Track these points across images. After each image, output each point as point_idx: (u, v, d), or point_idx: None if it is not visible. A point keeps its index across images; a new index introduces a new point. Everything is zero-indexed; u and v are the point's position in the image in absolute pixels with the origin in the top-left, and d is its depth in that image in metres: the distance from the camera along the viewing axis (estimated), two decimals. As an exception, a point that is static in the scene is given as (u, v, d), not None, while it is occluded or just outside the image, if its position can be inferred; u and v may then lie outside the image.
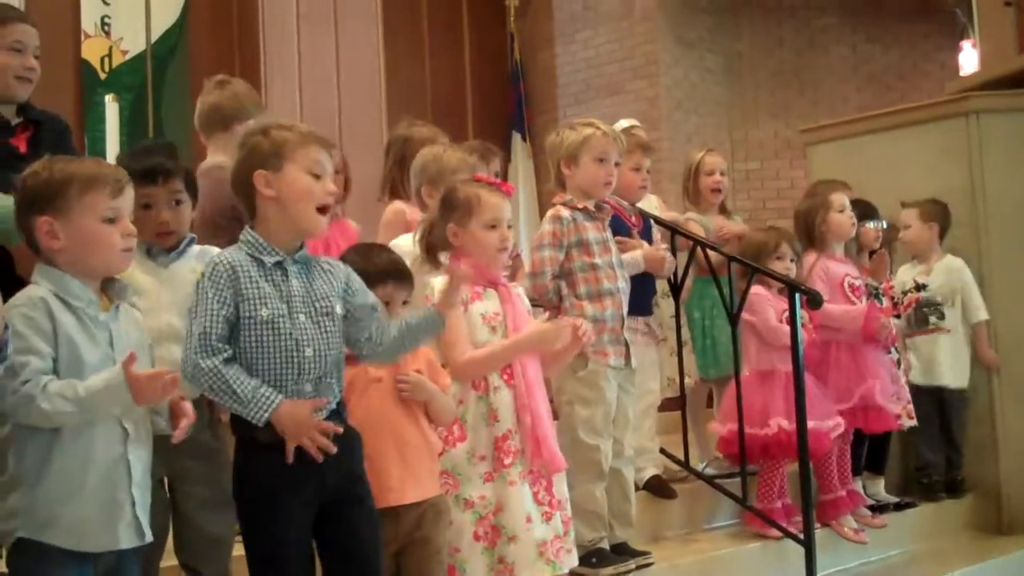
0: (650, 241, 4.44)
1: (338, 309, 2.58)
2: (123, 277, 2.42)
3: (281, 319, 2.47)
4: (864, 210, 5.08)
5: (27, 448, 2.21)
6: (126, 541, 2.29)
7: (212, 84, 3.76)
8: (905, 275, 5.44)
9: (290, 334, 2.47)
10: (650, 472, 4.40)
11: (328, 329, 2.54)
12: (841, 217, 4.76)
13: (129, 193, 2.37)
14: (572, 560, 3.13)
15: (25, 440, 2.21)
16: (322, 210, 2.55)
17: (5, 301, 2.18)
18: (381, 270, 2.84)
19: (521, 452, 3.00)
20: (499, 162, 3.89)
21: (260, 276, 2.48)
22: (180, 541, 2.71)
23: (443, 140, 3.85)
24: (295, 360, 2.48)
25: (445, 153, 3.53)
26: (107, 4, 7.35)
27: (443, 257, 3.12)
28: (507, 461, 2.98)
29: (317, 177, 2.54)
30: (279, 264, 2.52)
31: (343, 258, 2.85)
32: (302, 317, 2.50)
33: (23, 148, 3.11)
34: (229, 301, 2.44)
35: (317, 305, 2.54)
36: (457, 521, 2.94)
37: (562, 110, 8.47)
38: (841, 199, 4.78)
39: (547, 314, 3.72)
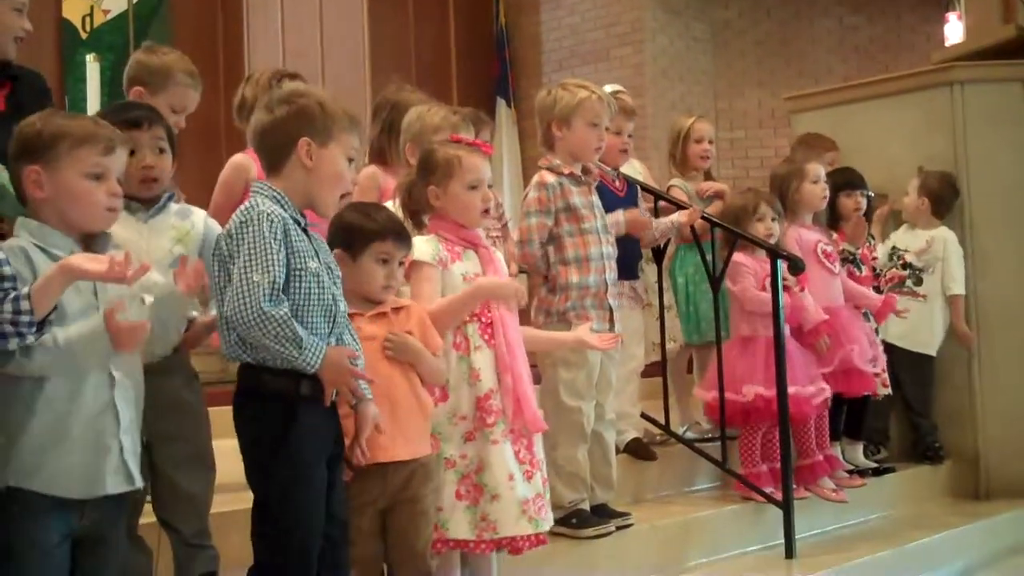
0: (635, 206, 4.45)
1: (338, 272, 2.62)
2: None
3: (323, 273, 2.50)
4: (848, 178, 5.09)
5: (12, 396, 2.19)
6: (112, 486, 2.28)
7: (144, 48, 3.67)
8: (898, 240, 5.48)
9: (329, 288, 2.51)
10: (631, 435, 4.42)
11: (342, 291, 2.60)
12: (814, 188, 4.76)
13: (120, 155, 2.36)
14: (551, 517, 3.14)
15: (10, 388, 2.19)
16: (346, 195, 2.61)
17: None
18: (382, 227, 2.83)
19: (503, 412, 3.00)
20: (489, 132, 3.85)
21: (296, 234, 2.49)
22: (158, 499, 2.71)
23: (428, 100, 3.77)
24: (332, 313, 2.52)
25: (428, 112, 3.50)
26: (88, -37, 7.29)
27: (426, 219, 3.12)
28: (489, 420, 2.98)
29: (350, 161, 2.57)
30: (304, 228, 2.55)
31: (342, 215, 2.85)
32: (325, 276, 2.53)
33: (2, 106, 3.08)
34: (284, 252, 2.44)
35: (332, 267, 2.59)
36: (440, 480, 2.94)
37: (547, 76, 8.44)
38: (816, 170, 4.78)
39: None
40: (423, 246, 3.01)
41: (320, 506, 2.50)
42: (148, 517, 2.75)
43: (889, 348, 5.19)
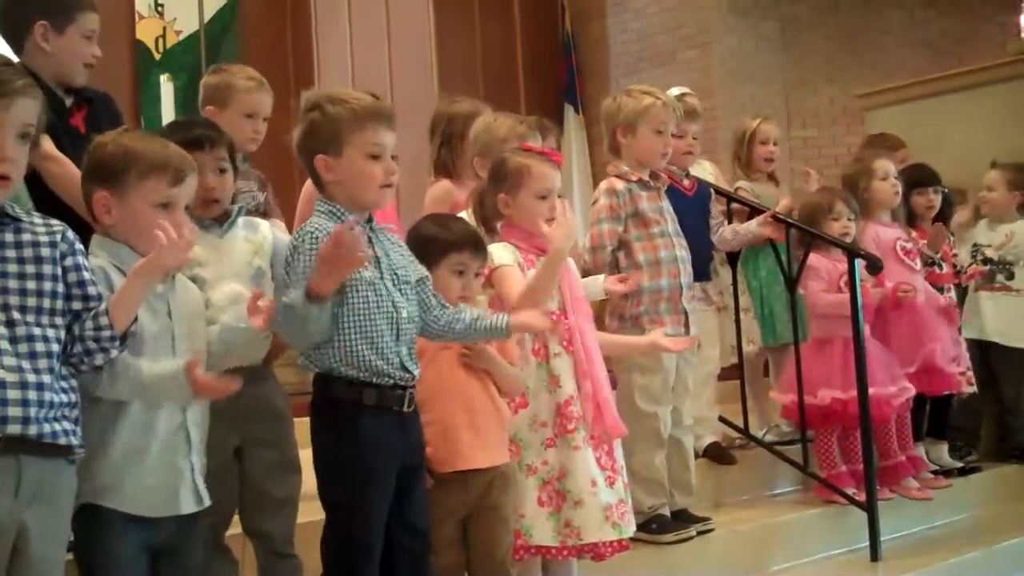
0: (707, 208, 4.42)
1: (412, 278, 2.61)
2: None
3: (379, 281, 2.51)
4: (920, 175, 5.00)
5: (93, 416, 2.24)
6: (187, 506, 2.34)
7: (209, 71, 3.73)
8: (980, 236, 5.36)
9: (388, 296, 2.51)
10: (709, 439, 4.39)
11: (409, 297, 2.58)
12: (884, 185, 4.68)
13: (190, 182, 2.39)
14: (632, 525, 3.13)
15: (91, 408, 2.24)
16: (386, 187, 2.56)
17: None
18: (459, 238, 2.84)
19: (583, 418, 3.00)
20: (555, 139, 3.85)
21: None
22: (247, 507, 2.73)
23: (487, 111, 3.79)
24: (394, 321, 2.51)
25: (495, 122, 3.50)
26: (160, -15, 7.43)
27: (498, 226, 3.13)
28: (570, 427, 2.98)
29: (377, 157, 2.53)
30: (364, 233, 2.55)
31: (419, 226, 2.88)
32: (390, 283, 2.53)
33: (82, 128, 3.15)
34: None
35: (398, 273, 2.57)
36: (521, 486, 2.95)
37: (614, 81, 8.41)
38: (884, 167, 4.70)
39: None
40: (502, 252, 3.02)
41: (382, 516, 2.51)
42: (234, 528, 2.78)
43: (986, 345, 5.09)
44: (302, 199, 3.79)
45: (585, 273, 3.58)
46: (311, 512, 2.73)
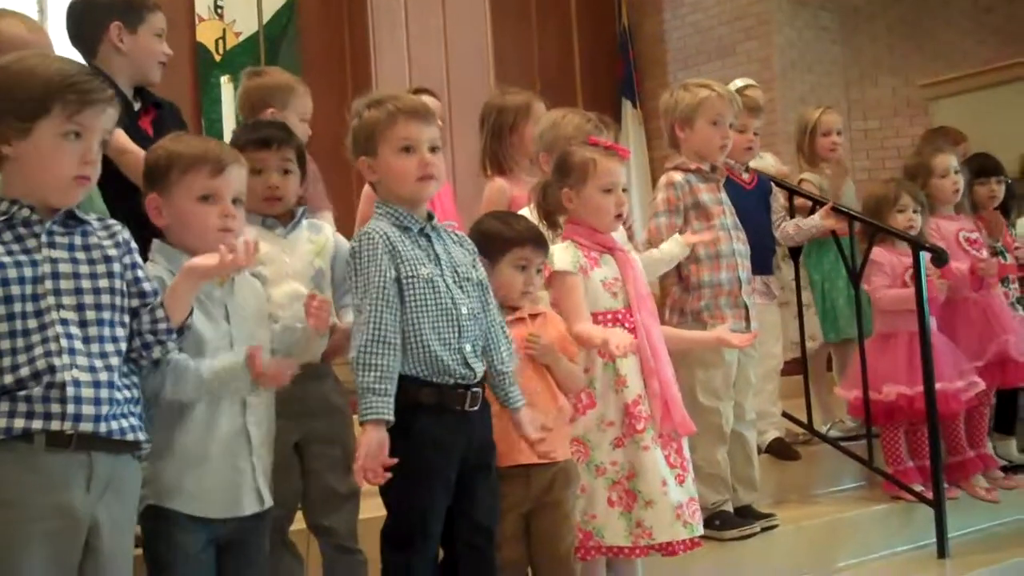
0: (767, 202, 4.38)
1: (475, 276, 2.64)
2: None
3: (438, 278, 2.53)
4: (981, 165, 4.91)
5: (156, 419, 2.27)
6: (249, 507, 2.37)
7: (246, 74, 3.73)
8: None
9: (447, 293, 2.53)
10: (772, 435, 4.35)
11: (471, 294, 2.60)
12: (943, 183, 4.60)
13: (233, 173, 2.40)
14: (701, 523, 3.12)
15: (153, 411, 2.27)
16: (423, 179, 2.58)
17: None
18: (520, 234, 2.87)
19: (651, 417, 2.98)
20: (614, 135, 3.84)
21: (410, 241, 2.54)
22: (311, 502, 2.76)
23: (539, 104, 3.82)
24: (454, 317, 2.53)
25: (563, 119, 3.49)
26: (219, -13, 7.51)
27: (560, 220, 3.12)
28: (639, 427, 2.97)
29: (410, 152, 2.56)
30: (422, 230, 2.58)
31: (481, 222, 2.89)
32: (450, 280, 2.56)
33: (150, 131, 3.20)
34: (389, 268, 2.48)
35: (459, 271, 2.60)
36: (591, 487, 2.95)
37: (672, 74, 8.35)
38: (944, 163, 4.61)
39: None
40: (562, 254, 3.01)
41: (438, 514, 2.53)
42: (298, 524, 2.81)
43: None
44: (362, 201, 3.82)
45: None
46: (373, 508, 2.74)
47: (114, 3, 3.26)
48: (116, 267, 2.17)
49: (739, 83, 4.95)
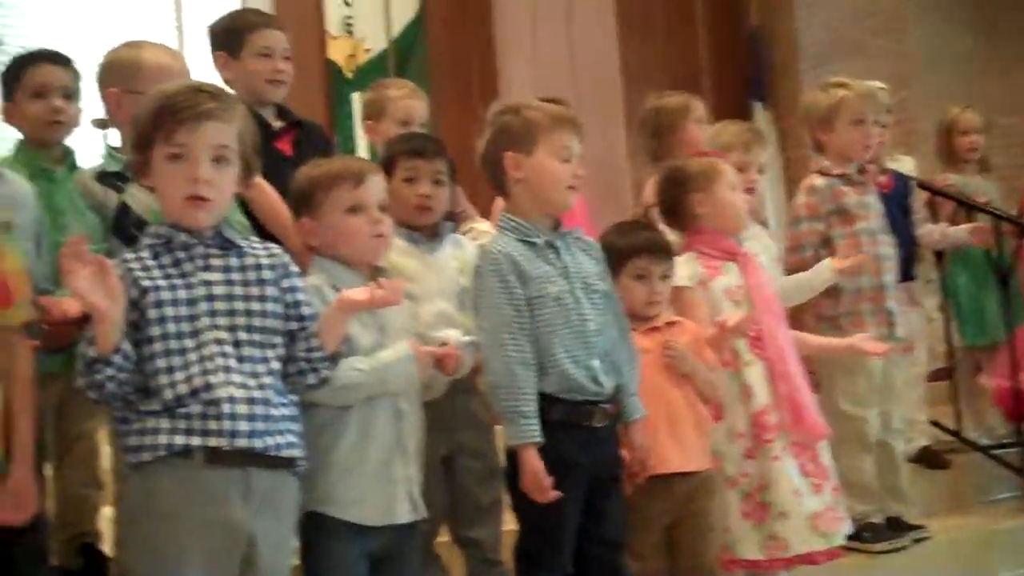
0: (907, 206, 4.26)
1: (602, 287, 2.63)
2: (388, 265, 2.54)
3: (566, 294, 2.54)
4: None
5: (316, 425, 2.32)
6: (403, 516, 2.39)
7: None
8: None
9: (575, 308, 2.53)
10: (919, 443, 4.24)
11: (599, 306, 2.60)
12: None
13: (373, 183, 2.46)
14: (846, 528, 3.05)
15: (313, 417, 2.31)
16: (571, 188, 2.60)
17: None
18: (635, 243, 2.86)
19: (781, 425, 2.93)
20: (760, 151, 3.80)
21: (536, 257, 2.55)
22: (459, 514, 2.78)
23: (697, 103, 3.84)
24: (582, 333, 2.53)
25: (724, 128, 3.55)
26: (349, 5, 7.64)
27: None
28: (767, 437, 2.93)
29: (566, 161, 2.58)
30: (549, 243, 2.58)
31: (603, 237, 2.89)
32: (579, 292, 2.56)
33: (289, 151, 3.23)
34: (515, 285, 2.50)
35: (587, 281, 2.60)
36: (722, 500, 2.92)
37: (803, 75, 8.19)
38: None
39: None
40: (681, 269, 2.99)
41: (568, 530, 2.52)
42: (442, 536, 2.83)
43: None
44: (493, 215, 3.84)
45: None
46: (509, 521, 2.76)
47: (216, 33, 3.31)
48: (271, 290, 2.22)
49: (867, 85, 4.84)
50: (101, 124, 3.88)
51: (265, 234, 2.68)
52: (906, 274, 4.08)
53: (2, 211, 2.39)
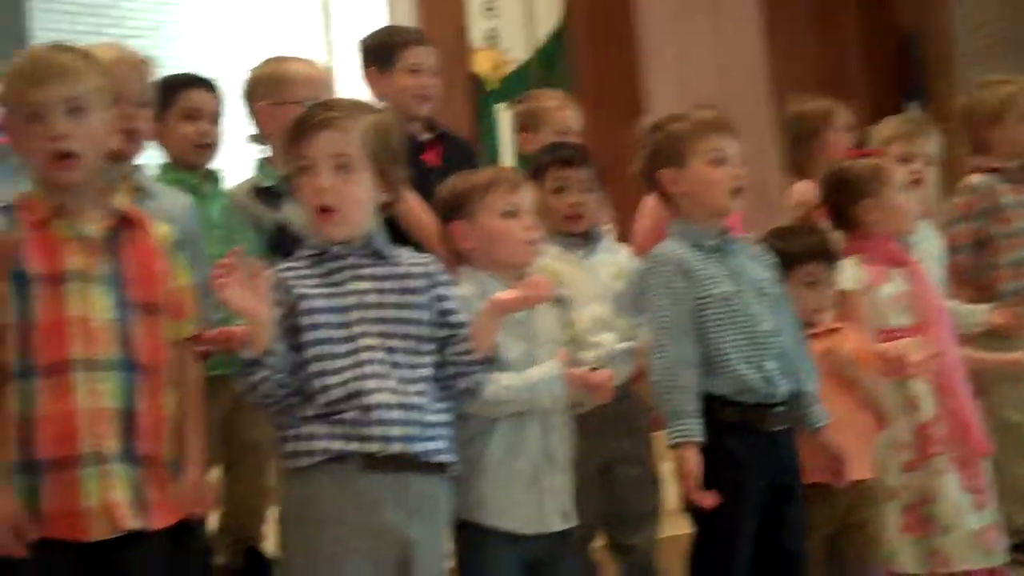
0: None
1: (774, 292, 2.63)
2: (546, 271, 2.55)
3: (734, 296, 2.53)
4: None
5: (469, 433, 2.35)
6: (554, 524, 2.41)
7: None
8: None
9: (744, 310, 2.53)
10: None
11: (773, 309, 2.59)
12: None
13: (526, 191, 2.51)
14: (1004, 549, 2.96)
15: (462, 427, 2.34)
16: (735, 192, 2.60)
17: None
18: (803, 250, 2.85)
19: (946, 439, 2.86)
20: (925, 140, 3.70)
21: (705, 258, 2.55)
22: (616, 521, 2.79)
23: (839, 113, 3.78)
24: (755, 334, 2.52)
25: (885, 124, 3.55)
26: (493, 17, 7.73)
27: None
28: (933, 450, 2.88)
29: (721, 164, 2.57)
30: (717, 247, 2.59)
31: (768, 243, 2.87)
32: (750, 296, 2.56)
33: (436, 161, 3.30)
34: (682, 286, 2.51)
35: (758, 285, 2.59)
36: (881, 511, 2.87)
37: (961, 74, 7.96)
38: None
39: None
40: (846, 273, 2.95)
41: (745, 537, 2.50)
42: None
43: None
44: (642, 215, 3.84)
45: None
46: (673, 527, 2.75)
47: (368, 48, 3.38)
48: (420, 298, 2.26)
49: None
50: (257, 139, 4.02)
51: (407, 244, 2.73)
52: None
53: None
